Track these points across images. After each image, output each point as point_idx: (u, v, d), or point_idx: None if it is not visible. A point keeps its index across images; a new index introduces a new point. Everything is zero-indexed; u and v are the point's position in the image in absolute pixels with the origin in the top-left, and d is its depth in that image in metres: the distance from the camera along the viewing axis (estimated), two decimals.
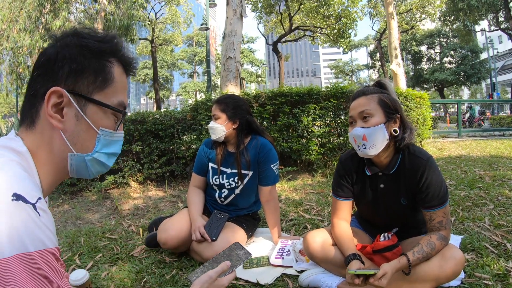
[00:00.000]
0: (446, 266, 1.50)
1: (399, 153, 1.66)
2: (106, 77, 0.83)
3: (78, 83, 0.80)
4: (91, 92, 0.81)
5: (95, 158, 0.85)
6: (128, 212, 3.63)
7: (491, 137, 11.44)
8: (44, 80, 0.80)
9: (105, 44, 0.84)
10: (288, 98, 4.69)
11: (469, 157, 6.08)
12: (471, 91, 51.05)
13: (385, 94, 1.63)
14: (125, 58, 0.89)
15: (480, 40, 37.36)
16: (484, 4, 21.96)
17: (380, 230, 1.78)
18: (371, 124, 1.56)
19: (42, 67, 0.81)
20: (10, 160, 0.71)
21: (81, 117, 0.81)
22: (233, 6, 6.15)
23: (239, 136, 2.37)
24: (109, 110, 0.84)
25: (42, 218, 0.65)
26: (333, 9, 19.00)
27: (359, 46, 46.98)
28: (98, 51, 0.83)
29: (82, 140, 0.82)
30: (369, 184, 1.74)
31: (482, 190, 3.47)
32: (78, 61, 0.80)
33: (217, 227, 2.17)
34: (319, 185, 4.22)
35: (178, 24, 28.18)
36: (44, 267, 0.61)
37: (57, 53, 0.80)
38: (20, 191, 0.64)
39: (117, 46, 0.87)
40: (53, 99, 0.78)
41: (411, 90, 7.00)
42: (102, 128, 0.84)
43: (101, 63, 0.83)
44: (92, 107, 0.82)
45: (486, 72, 30.80)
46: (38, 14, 16.10)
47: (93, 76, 0.82)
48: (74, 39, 0.82)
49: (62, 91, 0.78)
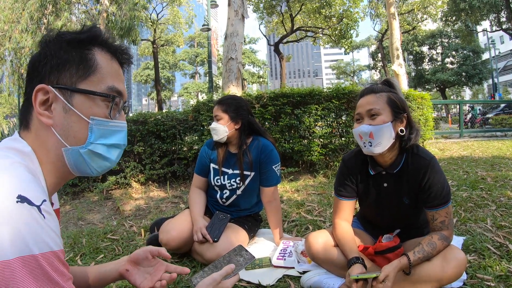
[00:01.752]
0: (448, 267, 1.50)
1: (403, 153, 1.66)
2: (88, 65, 0.82)
3: (60, 76, 0.80)
4: (75, 82, 0.81)
5: (91, 150, 0.83)
6: (130, 213, 3.64)
7: (493, 137, 11.41)
8: (32, 82, 0.81)
9: (82, 34, 0.84)
10: (290, 99, 4.69)
11: (471, 158, 6.07)
12: (473, 92, 50.97)
13: (393, 93, 1.64)
14: (108, 44, 0.88)
15: (482, 41, 37.24)
16: (486, 5, 21.91)
17: (382, 231, 1.78)
18: (378, 122, 1.56)
19: (30, 70, 0.83)
20: (15, 162, 0.71)
21: (69, 109, 0.80)
22: (235, 7, 6.16)
23: (241, 137, 2.37)
24: (97, 97, 0.82)
25: (47, 220, 0.65)
26: (335, 10, 19.00)
27: (360, 46, 46.94)
28: (76, 42, 0.83)
29: (74, 132, 0.81)
30: (372, 183, 1.75)
31: (484, 191, 3.46)
32: (58, 55, 0.81)
33: (219, 228, 2.17)
34: (320, 186, 4.21)
35: (179, 25, 28.24)
36: (48, 269, 0.61)
37: (39, 54, 0.82)
38: (24, 193, 0.63)
39: (95, 33, 0.86)
40: (39, 96, 0.79)
41: (413, 91, 6.99)
42: (93, 117, 0.82)
43: (80, 52, 0.83)
44: (79, 96, 0.81)
45: (488, 73, 30.75)
46: (40, 15, 16.14)
47: (75, 66, 0.81)
48: (55, 37, 0.83)
49: (46, 87, 0.79)
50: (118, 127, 0.87)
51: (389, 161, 1.67)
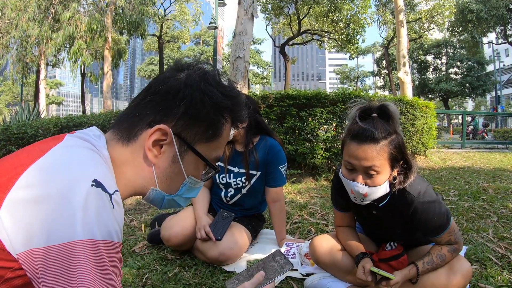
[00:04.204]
0: (453, 278, 1.49)
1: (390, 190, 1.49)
2: (216, 132, 0.83)
3: (188, 129, 0.79)
4: (196, 141, 0.81)
5: (173, 199, 0.86)
6: (130, 207, 3.63)
7: (495, 150, 11.42)
8: (155, 109, 0.79)
9: (227, 100, 0.83)
10: (296, 101, 4.69)
11: (473, 169, 6.08)
12: (476, 103, 50.99)
13: (394, 140, 1.38)
14: (238, 117, 0.87)
15: (487, 53, 37.30)
16: (493, 17, 21.95)
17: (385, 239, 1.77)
18: (376, 183, 1.38)
19: (158, 95, 0.80)
20: (94, 152, 0.72)
21: (177, 161, 0.80)
22: (245, 6, 6.15)
23: (247, 135, 2.35)
24: (203, 162, 0.84)
25: (115, 210, 0.65)
26: (343, 15, 19.02)
27: (365, 52, 47.03)
28: (219, 105, 0.81)
29: (170, 181, 0.83)
30: (363, 207, 1.59)
31: (485, 202, 3.46)
32: (197, 107, 0.79)
33: (222, 227, 2.15)
34: (323, 189, 4.21)
35: (186, 22, 28.28)
36: (105, 258, 0.60)
37: (179, 89, 0.79)
38: (100, 179, 0.64)
39: (238, 105, 0.85)
40: (157, 135, 0.77)
41: (417, 99, 7.00)
42: (191, 176, 0.84)
43: (217, 117, 0.82)
44: (191, 155, 0.82)
45: (492, 85, 30.79)
46: (48, 4, 16.19)
47: (205, 127, 0.81)
48: (201, 83, 0.80)
49: (169, 131, 0.77)
50: (200, 185, 0.90)
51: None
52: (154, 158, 0.78)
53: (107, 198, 0.64)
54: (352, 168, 1.41)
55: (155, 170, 0.80)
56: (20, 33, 15.84)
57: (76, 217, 0.58)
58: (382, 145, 1.35)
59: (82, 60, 17.59)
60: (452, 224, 1.50)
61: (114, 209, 0.65)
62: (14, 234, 0.57)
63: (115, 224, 0.64)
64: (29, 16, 15.64)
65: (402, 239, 1.67)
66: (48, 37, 15.97)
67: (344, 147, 1.45)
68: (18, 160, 0.66)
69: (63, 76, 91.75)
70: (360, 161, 1.36)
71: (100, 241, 0.59)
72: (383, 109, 1.41)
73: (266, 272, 1.10)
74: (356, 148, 1.37)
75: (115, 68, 22.67)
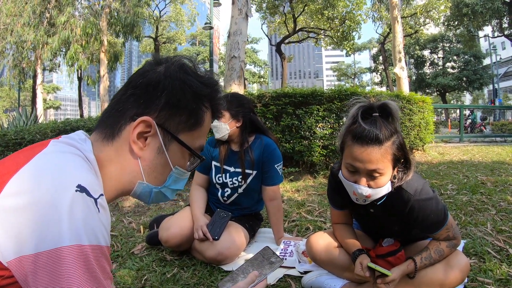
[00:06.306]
0: (451, 272, 1.49)
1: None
2: (198, 120, 0.84)
3: (170, 119, 0.81)
4: (179, 130, 0.82)
5: (161, 191, 0.87)
6: (129, 209, 3.63)
7: (493, 143, 11.43)
8: (137, 102, 0.80)
9: (207, 88, 0.85)
10: (292, 99, 4.68)
11: (471, 162, 6.08)
12: (473, 97, 51.09)
13: (396, 140, 1.35)
14: (217, 105, 0.89)
15: (483, 46, 37.29)
16: (488, 10, 21.99)
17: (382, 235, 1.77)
18: (379, 185, 1.36)
19: (139, 89, 0.81)
20: (78, 156, 0.73)
21: (162, 152, 0.82)
22: (239, 5, 6.15)
23: (243, 135, 2.35)
24: (188, 151, 0.86)
25: (101, 214, 0.65)
26: (338, 12, 19.02)
27: (362, 49, 47.10)
28: (199, 93, 0.83)
29: (157, 173, 0.83)
30: (361, 205, 1.54)
31: (484, 195, 3.47)
32: (178, 97, 0.80)
33: (220, 226, 2.16)
34: (321, 187, 4.21)
35: (182, 23, 28.29)
36: (93, 262, 0.60)
37: (159, 81, 0.80)
38: (84, 184, 0.64)
39: (216, 93, 0.87)
40: (141, 127, 0.78)
41: (414, 94, 7.01)
42: (177, 167, 0.85)
43: (198, 105, 0.84)
44: (176, 145, 0.83)
45: (489, 78, 30.85)
46: (42, 9, 16.15)
47: (187, 115, 0.82)
48: (180, 73, 0.81)
49: (152, 122, 0.78)
50: (186, 176, 0.91)
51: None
52: (139, 151, 0.79)
53: (92, 203, 0.64)
54: (354, 170, 1.38)
55: (141, 163, 0.81)
56: (16, 39, 15.82)
57: (62, 223, 0.58)
58: (386, 146, 1.32)
59: (78, 64, 17.59)
60: (450, 220, 1.49)
61: (100, 213, 0.65)
62: (3, 243, 0.58)
63: (102, 228, 0.64)
64: (24, 21, 15.61)
65: (399, 236, 1.67)
66: (44, 41, 15.95)
67: (345, 149, 1.41)
68: (4, 168, 0.66)
69: (60, 80, 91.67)
70: (365, 164, 1.32)
71: (87, 246, 0.60)
72: (385, 107, 1.38)
73: (257, 269, 1.11)
74: (361, 151, 1.32)
75: (111, 71, 22.68)
